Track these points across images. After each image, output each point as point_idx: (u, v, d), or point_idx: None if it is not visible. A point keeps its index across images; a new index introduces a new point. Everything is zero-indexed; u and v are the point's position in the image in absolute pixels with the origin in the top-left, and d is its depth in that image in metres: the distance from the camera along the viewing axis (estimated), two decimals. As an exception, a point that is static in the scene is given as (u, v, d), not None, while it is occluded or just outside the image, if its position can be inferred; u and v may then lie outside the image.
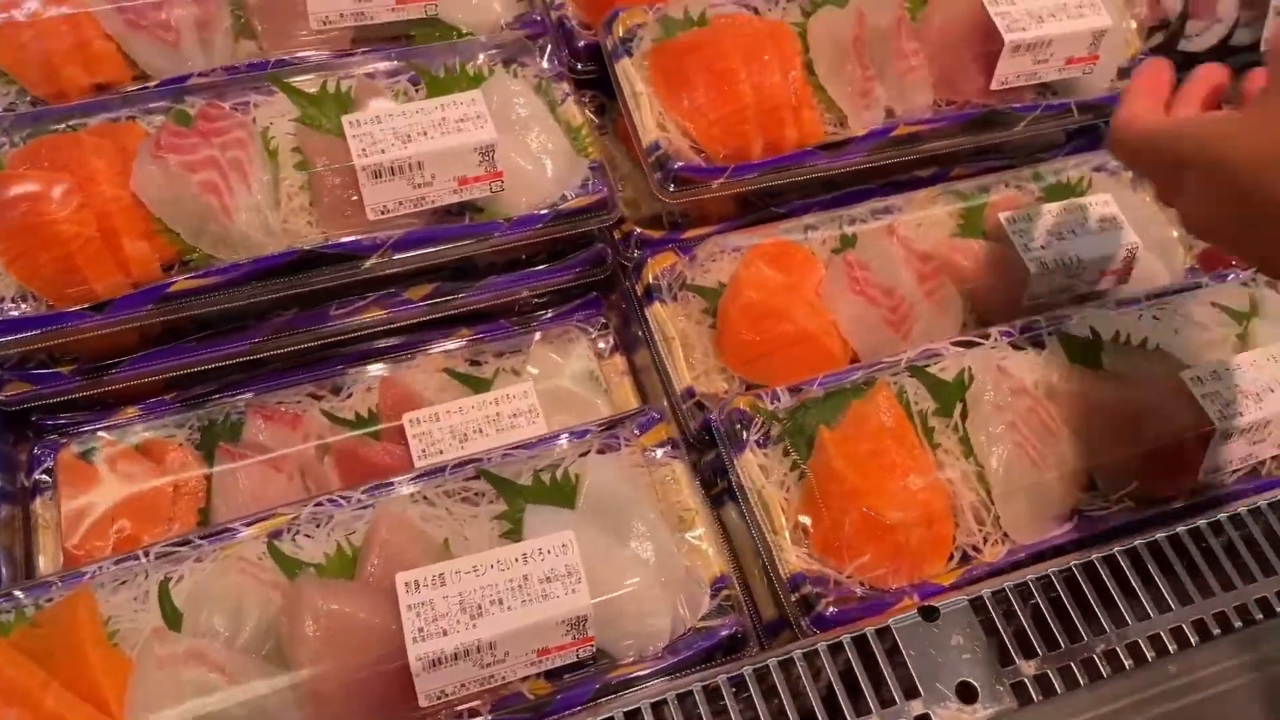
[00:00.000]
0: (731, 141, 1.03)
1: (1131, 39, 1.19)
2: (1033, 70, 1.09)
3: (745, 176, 1.04)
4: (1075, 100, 1.13)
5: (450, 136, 0.95)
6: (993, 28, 1.07)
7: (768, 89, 1.02)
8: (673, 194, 1.03)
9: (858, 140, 1.07)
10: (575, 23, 1.14)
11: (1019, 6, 1.07)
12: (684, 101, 1.04)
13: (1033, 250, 1.05)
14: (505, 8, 1.13)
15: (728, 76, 1.01)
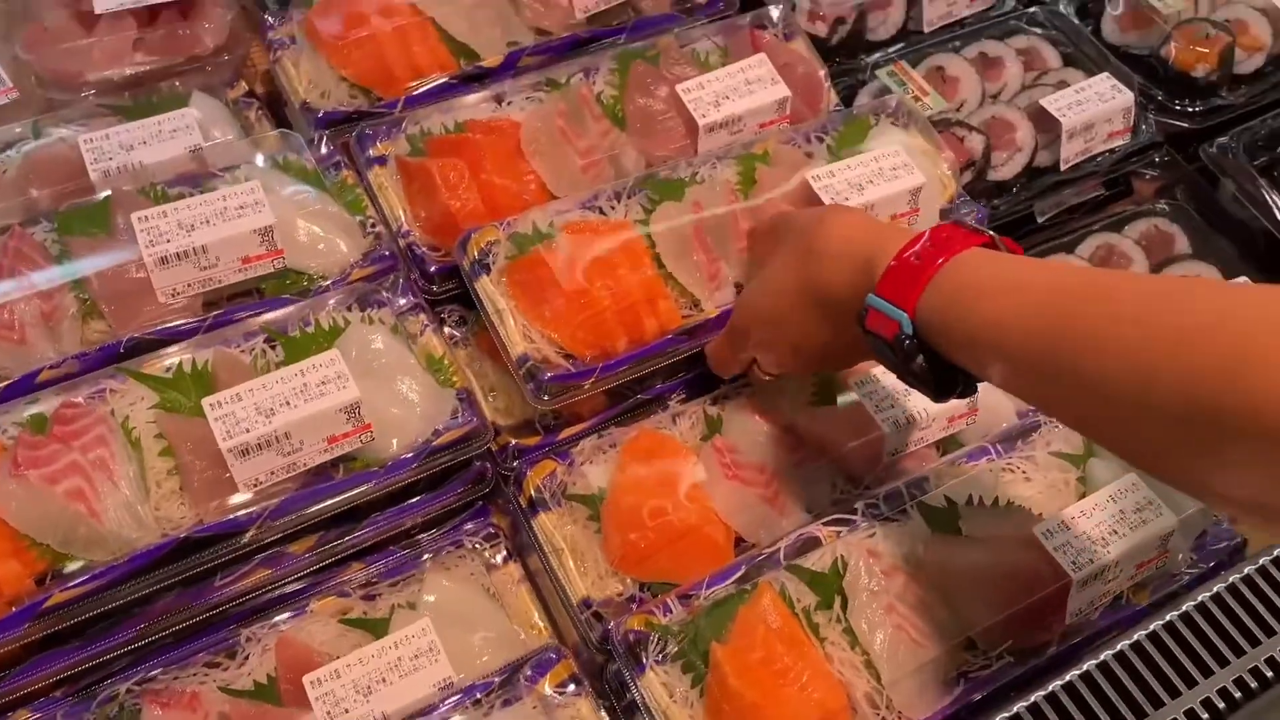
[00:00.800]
0: (597, 343, 1.08)
1: (948, 181, 1.28)
2: None
3: (615, 372, 1.08)
4: None
5: (314, 402, 0.96)
6: (819, 200, 1.14)
7: (623, 289, 1.08)
8: (547, 401, 1.07)
9: (712, 320, 1.12)
10: (424, 248, 1.18)
11: (839, 179, 1.15)
12: (545, 312, 1.08)
13: (884, 411, 1.11)
14: (353, 246, 1.16)
15: (584, 284, 1.07)
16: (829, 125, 1.26)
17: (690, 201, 1.14)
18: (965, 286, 0.79)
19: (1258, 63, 1.56)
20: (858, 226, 0.92)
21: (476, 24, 1.33)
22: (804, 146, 1.24)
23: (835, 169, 1.14)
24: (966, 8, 1.58)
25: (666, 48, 1.32)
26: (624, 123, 1.26)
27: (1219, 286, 0.84)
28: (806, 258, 0.94)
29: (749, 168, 1.18)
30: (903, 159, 1.16)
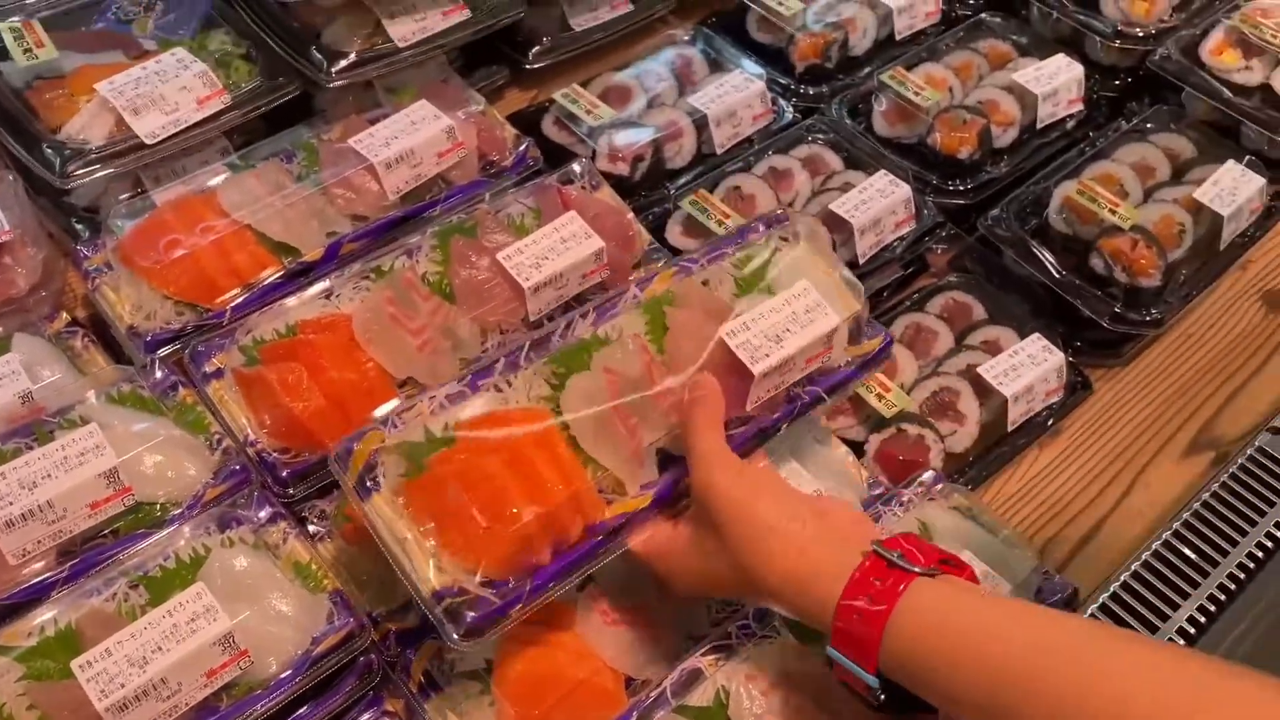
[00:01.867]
0: (521, 560, 0.99)
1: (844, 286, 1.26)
2: (780, 383, 1.15)
3: (545, 591, 1.00)
4: (823, 387, 1.21)
5: (186, 643, 0.97)
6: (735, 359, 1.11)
7: (544, 494, 0.99)
8: (471, 644, 0.97)
9: (643, 510, 1.06)
10: (274, 454, 1.20)
11: (754, 332, 1.12)
12: (458, 538, 0.97)
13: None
14: (202, 467, 1.17)
15: (499, 497, 0.99)
16: (724, 245, 1.26)
17: (600, 369, 1.08)
18: (917, 651, 0.85)
19: (1013, 135, 1.74)
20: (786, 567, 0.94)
21: (291, 222, 1.37)
22: (703, 271, 1.22)
23: (750, 321, 1.12)
24: (750, 125, 1.71)
25: (482, 218, 1.39)
26: (453, 297, 1.31)
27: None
28: (746, 586, 0.97)
29: (656, 315, 1.15)
30: (814, 298, 1.16)
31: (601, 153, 1.61)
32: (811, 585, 0.92)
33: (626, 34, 1.87)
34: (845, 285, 1.25)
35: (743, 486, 0.99)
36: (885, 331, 1.28)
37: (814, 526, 0.96)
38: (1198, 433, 1.54)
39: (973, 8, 2.00)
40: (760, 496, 0.98)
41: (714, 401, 1.05)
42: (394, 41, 1.52)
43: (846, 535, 0.95)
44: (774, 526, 0.95)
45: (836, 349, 1.21)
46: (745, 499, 0.98)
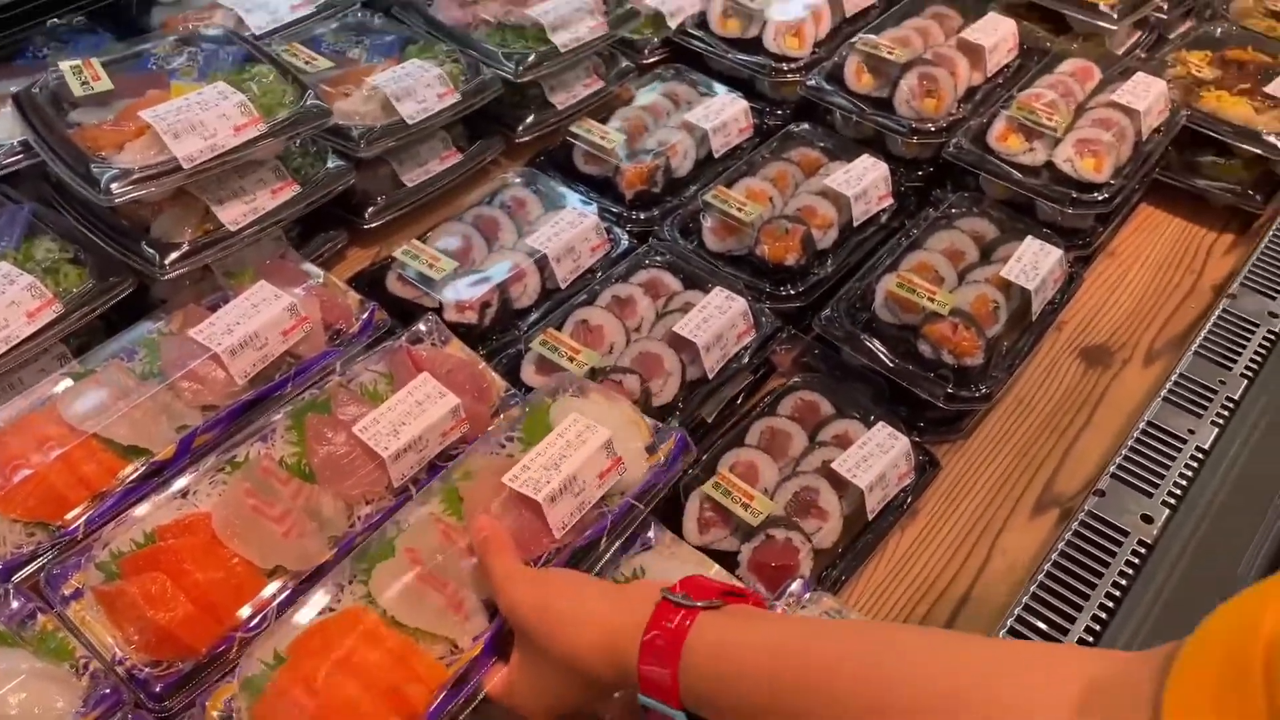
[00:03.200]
0: None
1: (638, 419, 1.39)
2: (579, 503, 1.24)
3: None
4: (632, 496, 1.31)
5: None
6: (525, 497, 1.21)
7: (376, 676, 1.07)
8: None
9: (478, 656, 1.12)
10: (146, 670, 1.17)
11: (534, 469, 1.22)
12: None
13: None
14: (70, 696, 1.12)
15: (340, 699, 1.05)
16: (516, 420, 1.36)
17: (403, 551, 1.18)
18: (706, 676, 0.93)
19: (833, 236, 1.86)
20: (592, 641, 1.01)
21: (139, 422, 1.36)
22: (502, 450, 1.33)
23: (528, 462, 1.23)
24: (590, 257, 1.78)
25: (334, 392, 1.41)
26: (313, 476, 1.32)
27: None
28: (576, 680, 1.04)
29: (450, 494, 1.26)
30: (584, 423, 1.27)
31: (449, 304, 1.65)
32: (617, 648, 0.98)
33: (460, 181, 1.93)
34: (631, 413, 1.40)
35: (538, 592, 1.08)
36: (678, 431, 1.39)
37: (609, 602, 1.04)
38: (1041, 492, 1.64)
39: (781, 118, 2.14)
40: (557, 595, 1.07)
41: (494, 533, 1.16)
42: (225, 226, 1.53)
43: (642, 598, 1.02)
44: (574, 613, 1.04)
45: (632, 463, 1.32)
46: (543, 600, 1.07)
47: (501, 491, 1.23)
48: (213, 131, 1.46)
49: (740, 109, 2.04)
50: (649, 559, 1.37)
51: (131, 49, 1.65)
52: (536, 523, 1.22)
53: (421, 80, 1.79)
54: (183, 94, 1.51)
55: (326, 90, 1.75)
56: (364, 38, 1.96)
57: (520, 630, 1.09)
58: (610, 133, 1.95)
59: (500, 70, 1.91)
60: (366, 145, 1.73)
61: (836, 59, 2.10)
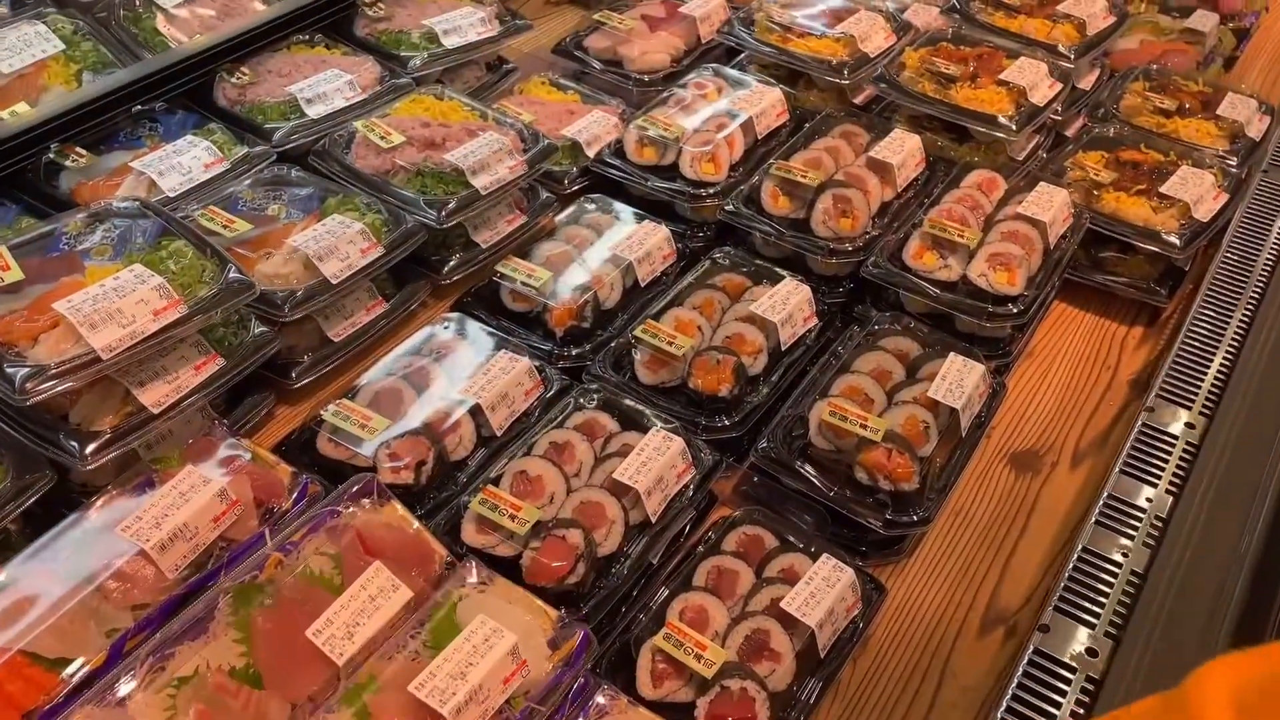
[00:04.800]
0: None
1: (545, 615, 1.41)
2: (484, 710, 1.26)
3: None
4: (535, 700, 1.31)
5: None
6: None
7: None
8: None
9: None
10: None
11: (440, 678, 1.24)
12: None
13: None
14: None
15: None
16: (423, 618, 1.35)
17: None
18: None
19: (763, 361, 1.88)
20: None
21: (66, 632, 1.30)
22: (408, 648, 1.31)
23: (434, 669, 1.23)
24: (524, 402, 1.78)
25: (275, 575, 1.37)
26: (259, 680, 1.27)
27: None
28: None
29: (358, 704, 1.24)
30: (490, 626, 1.28)
31: (383, 465, 1.63)
32: None
33: (388, 329, 1.92)
34: (534, 607, 1.39)
35: None
36: (583, 629, 1.39)
37: None
38: (985, 610, 1.67)
39: (703, 240, 2.18)
40: None
41: None
42: (148, 408, 1.50)
43: None
44: None
45: (536, 660, 1.33)
46: None
47: (406, 702, 1.22)
48: (131, 318, 1.43)
49: (662, 236, 2.08)
50: None
51: (41, 229, 1.61)
52: None
53: (343, 237, 1.79)
54: (98, 278, 1.48)
55: (246, 255, 1.74)
56: (281, 191, 1.94)
57: None
58: (537, 270, 1.96)
59: (423, 217, 1.92)
60: (291, 309, 1.71)
61: (753, 181, 2.15)
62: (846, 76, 2.40)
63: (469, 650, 1.27)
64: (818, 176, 2.09)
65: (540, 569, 1.50)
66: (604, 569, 1.56)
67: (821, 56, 2.44)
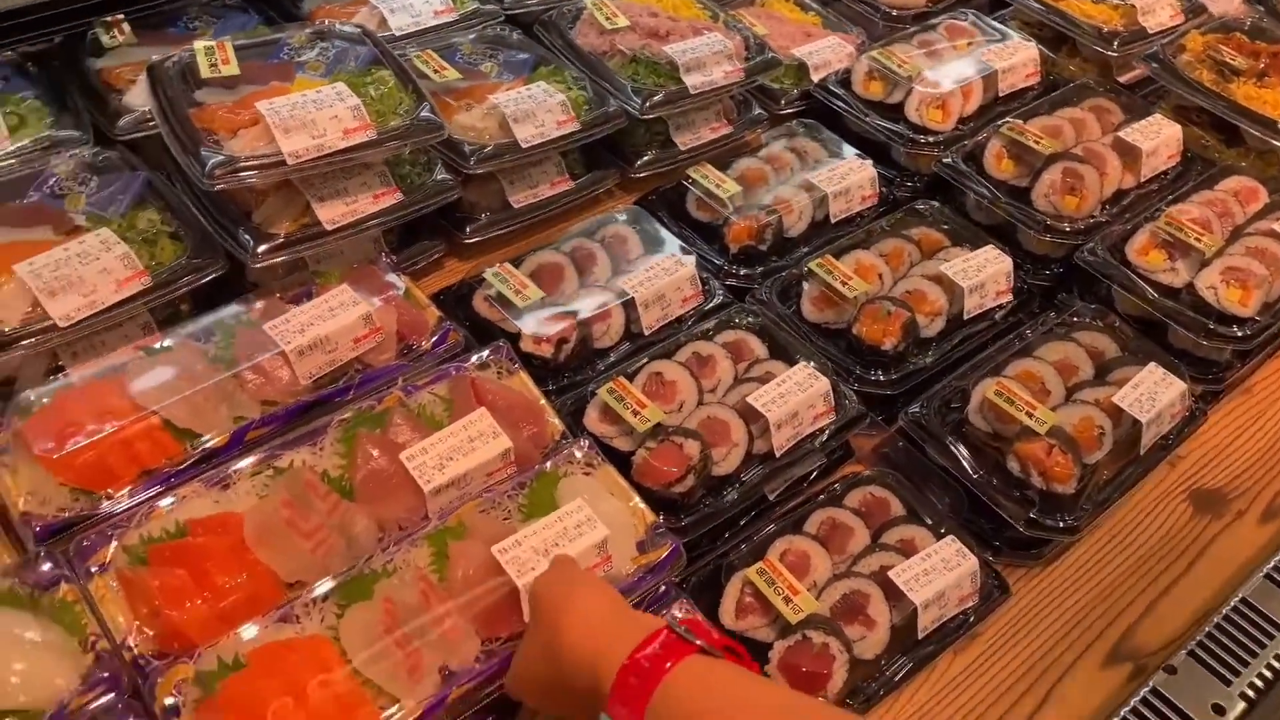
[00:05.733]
0: None
1: (643, 515, 1.38)
2: None
3: None
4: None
5: None
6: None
7: (314, 710, 1.09)
8: None
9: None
10: (153, 660, 1.17)
11: (525, 547, 1.22)
12: None
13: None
14: (72, 673, 1.14)
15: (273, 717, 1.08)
16: (525, 482, 1.34)
17: (380, 599, 1.18)
18: (680, 710, 0.94)
19: (940, 326, 1.76)
20: (587, 627, 1.04)
21: (199, 408, 1.37)
22: (503, 507, 1.32)
23: (521, 538, 1.22)
24: (679, 307, 1.73)
25: (392, 408, 1.39)
26: (352, 493, 1.31)
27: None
28: (549, 650, 1.05)
29: (440, 546, 1.24)
30: (585, 514, 1.26)
31: (526, 334, 1.62)
32: (601, 653, 0.99)
33: (567, 209, 1.91)
34: (633, 506, 1.37)
35: (562, 579, 1.12)
36: (676, 541, 1.34)
37: (610, 608, 1.07)
38: (1118, 641, 1.51)
39: (910, 191, 2.04)
40: (574, 587, 1.09)
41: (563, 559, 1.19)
42: (323, 223, 1.54)
43: (641, 620, 1.04)
44: (581, 586, 1.09)
45: (621, 557, 1.30)
46: (558, 585, 1.11)
47: (485, 560, 1.22)
48: (322, 131, 1.47)
49: (867, 175, 1.96)
50: None
51: (268, 37, 1.68)
52: (509, 603, 1.21)
53: (543, 105, 1.77)
54: (303, 89, 1.53)
55: (448, 102, 1.75)
56: (498, 53, 1.95)
57: (534, 602, 1.12)
58: (727, 182, 1.89)
59: (627, 104, 1.88)
60: (477, 163, 1.72)
61: (980, 138, 1.99)
62: (1115, 48, 2.18)
63: (559, 530, 1.26)
64: (1052, 146, 1.91)
65: (650, 470, 1.46)
66: (714, 488, 1.50)
67: (1094, 21, 2.22)
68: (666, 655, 0.97)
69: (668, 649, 0.97)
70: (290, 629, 1.17)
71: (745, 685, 0.97)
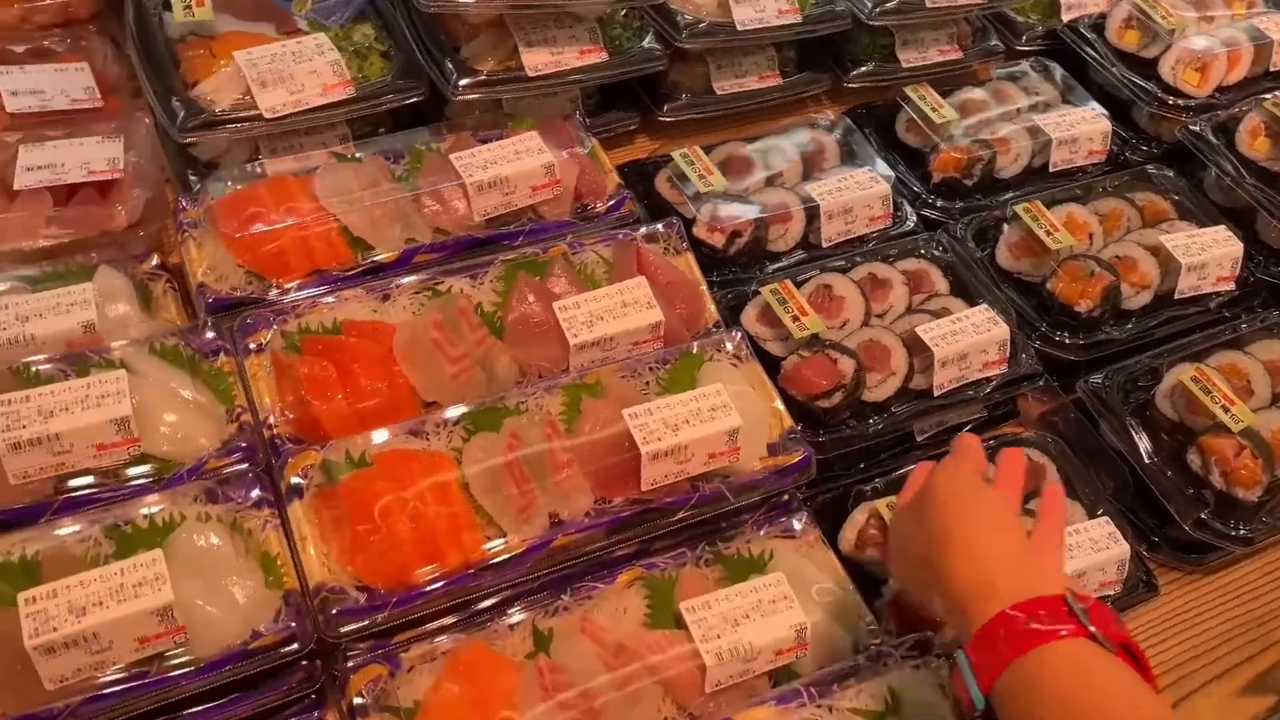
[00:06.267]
0: (393, 575, 1.10)
1: (779, 418, 1.32)
2: (678, 470, 1.19)
3: (411, 605, 1.10)
4: (730, 486, 1.23)
5: (128, 604, 0.99)
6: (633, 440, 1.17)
7: (426, 521, 1.11)
8: (339, 633, 1.08)
9: (518, 555, 1.14)
10: (289, 443, 1.21)
11: (655, 418, 1.19)
12: (343, 543, 1.11)
13: (711, 641, 1.13)
14: (213, 434, 1.20)
15: (384, 515, 1.10)
16: (669, 357, 1.31)
17: (507, 433, 1.18)
18: (1034, 687, 0.87)
19: (1145, 300, 1.61)
20: (979, 549, 0.98)
21: (376, 221, 1.40)
22: (642, 377, 1.29)
23: (654, 407, 1.19)
24: (864, 225, 1.65)
25: (555, 260, 1.39)
26: (502, 331, 1.31)
27: None
28: (933, 547, 1.00)
29: (575, 398, 1.23)
30: (723, 400, 1.21)
31: (702, 220, 1.58)
32: (983, 585, 0.93)
33: (769, 106, 1.84)
34: (773, 407, 1.32)
35: (968, 482, 1.05)
36: (808, 451, 1.29)
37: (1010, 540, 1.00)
38: (1265, 672, 1.37)
39: (1144, 156, 1.87)
40: (979, 499, 1.03)
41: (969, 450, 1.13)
42: (525, 69, 1.53)
43: (1039, 572, 0.96)
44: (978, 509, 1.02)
45: (749, 454, 1.24)
46: (964, 484, 1.05)
47: (615, 421, 1.19)
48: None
49: (1100, 129, 1.80)
50: (781, 547, 1.27)
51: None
52: (629, 468, 1.18)
53: (768, -9, 1.70)
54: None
55: (674, -27, 1.70)
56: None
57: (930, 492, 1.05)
58: (945, 107, 1.77)
59: (856, 7, 1.78)
60: (689, 37, 1.66)
61: (1236, 111, 1.79)
62: None
63: (693, 409, 1.22)
64: (1322, 130, 1.70)
65: (798, 378, 1.41)
66: (860, 413, 1.43)
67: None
68: (1052, 624, 0.88)
69: (1055, 617, 0.89)
70: (417, 443, 1.19)
71: (1130, 694, 0.86)
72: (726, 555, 1.24)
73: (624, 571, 1.22)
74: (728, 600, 1.17)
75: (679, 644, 1.14)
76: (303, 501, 1.14)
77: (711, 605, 1.16)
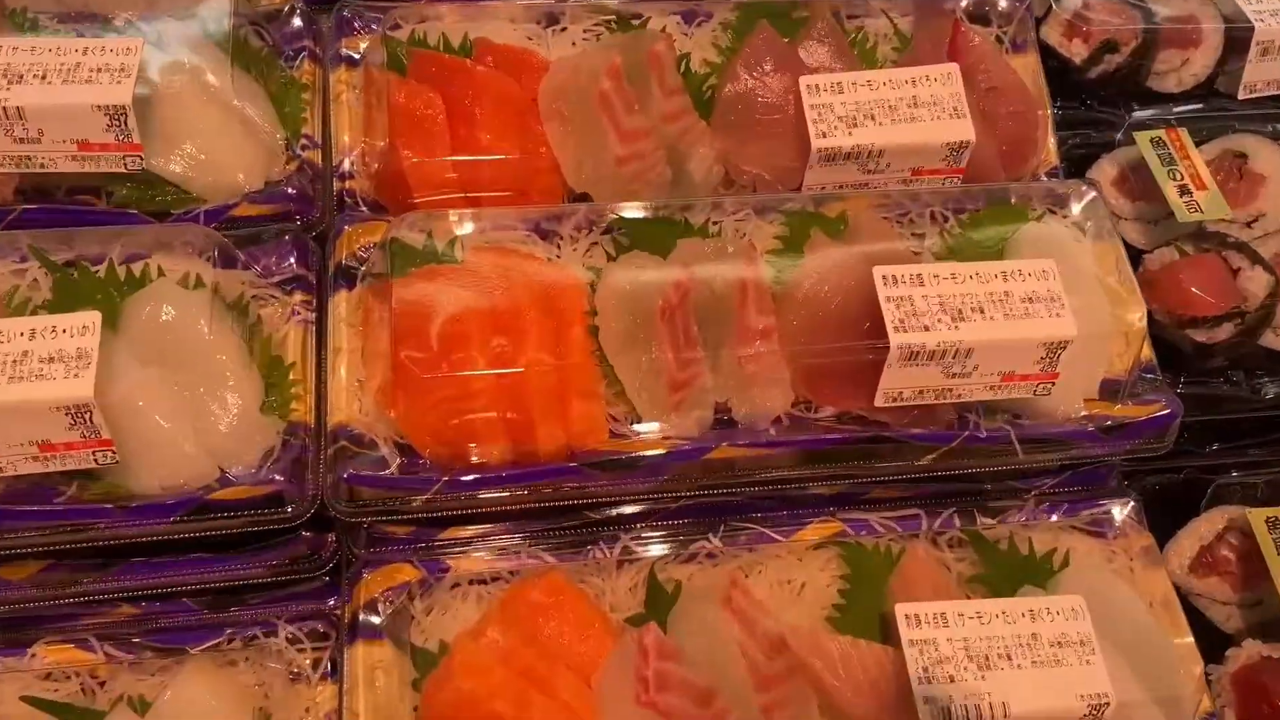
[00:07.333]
0: (456, 443, 0.70)
1: (1133, 340, 0.83)
2: (944, 386, 0.73)
3: (469, 491, 0.70)
4: (1025, 434, 0.76)
5: (24, 386, 0.63)
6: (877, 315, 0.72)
7: (523, 373, 0.70)
8: (347, 507, 0.70)
9: (649, 459, 0.72)
10: (363, 204, 0.81)
11: (927, 290, 0.74)
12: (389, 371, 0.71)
13: (935, 684, 0.66)
14: (259, 166, 0.81)
15: (455, 342, 0.69)
16: (967, 203, 0.83)
17: (676, 264, 0.74)
18: None
19: None
20: None
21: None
22: (917, 225, 0.84)
23: (925, 273, 0.74)
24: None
25: (820, 12, 0.88)
26: (710, 107, 0.84)
27: None
28: None
29: (800, 232, 0.79)
30: (1050, 288, 0.75)
31: (1059, 15, 1.03)
32: None
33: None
34: (1129, 318, 0.81)
35: None
36: (1175, 402, 0.80)
37: None
38: None
39: None
40: None
41: None
42: None
43: None
44: None
45: (1065, 388, 0.77)
46: None
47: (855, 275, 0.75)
48: None
49: None
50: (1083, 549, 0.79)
51: None
52: (862, 366, 0.73)
53: None
54: None
55: None
56: None
57: None
58: None
59: None
60: None
61: None
62: None
63: (995, 288, 0.76)
64: None
65: (1168, 285, 0.97)
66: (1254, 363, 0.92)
67: None
68: None
69: None
70: (540, 248, 0.76)
71: None
72: (988, 540, 0.77)
73: (814, 523, 0.78)
74: (981, 621, 0.69)
75: (878, 668, 0.69)
76: (351, 294, 0.76)
77: (950, 620, 0.70)
